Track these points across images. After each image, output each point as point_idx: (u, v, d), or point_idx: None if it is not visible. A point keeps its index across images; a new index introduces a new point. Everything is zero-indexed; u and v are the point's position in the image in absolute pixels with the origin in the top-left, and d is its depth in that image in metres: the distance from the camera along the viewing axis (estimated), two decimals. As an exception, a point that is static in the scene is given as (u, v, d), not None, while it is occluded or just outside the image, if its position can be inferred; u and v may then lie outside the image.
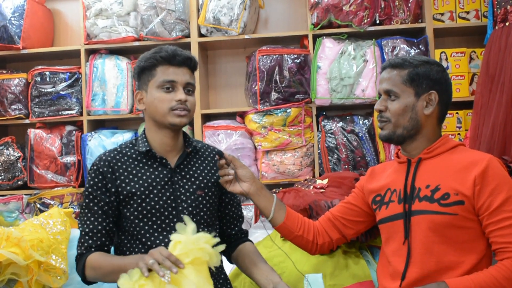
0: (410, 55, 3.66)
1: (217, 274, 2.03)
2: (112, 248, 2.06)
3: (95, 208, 1.95)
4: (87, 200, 1.97)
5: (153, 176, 1.96)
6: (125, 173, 1.96)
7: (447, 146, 1.90)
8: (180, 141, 2.04)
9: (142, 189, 1.94)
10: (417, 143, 1.92)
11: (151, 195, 1.94)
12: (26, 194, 3.96)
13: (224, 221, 2.17)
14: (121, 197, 1.94)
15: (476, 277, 1.71)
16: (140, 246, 1.94)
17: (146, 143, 1.99)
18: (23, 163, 4.00)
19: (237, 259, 2.13)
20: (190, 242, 1.68)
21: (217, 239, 1.74)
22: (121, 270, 1.70)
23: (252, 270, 1.99)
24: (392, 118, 1.89)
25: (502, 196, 1.74)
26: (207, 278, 1.70)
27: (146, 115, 2.02)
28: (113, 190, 1.94)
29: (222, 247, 1.73)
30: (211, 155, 2.12)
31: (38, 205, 3.85)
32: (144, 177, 1.96)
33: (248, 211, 3.64)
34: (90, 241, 1.95)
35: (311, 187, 2.87)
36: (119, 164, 1.97)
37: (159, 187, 1.96)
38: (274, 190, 3.15)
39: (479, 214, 1.77)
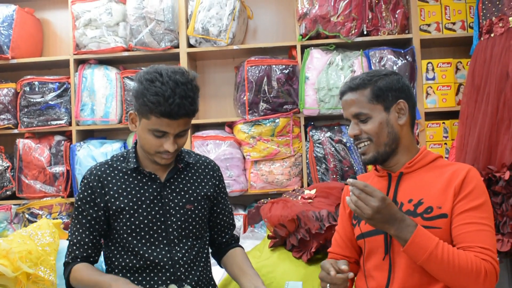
0: (397, 65, 3.69)
1: (205, 279, 2.06)
2: (102, 258, 2.08)
3: (83, 221, 1.98)
4: (76, 212, 2.00)
5: (142, 191, 1.98)
6: (115, 188, 1.97)
7: (427, 160, 1.90)
8: None
9: (131, 204, 1.95)
10: (398, 157, 1.90)
11: (140, 210, 1.95)
12: (14, 204, 3.93)
13: (215, 229, 2.19)
14: (111, 212, 1.96)
15: (444, 244, 1.68)
16: (131, 257, 1.97)
17: (135, 160, 2.00)
18: (12, 173, 3.99)
19: (226, 263, 2.16)
20: None
21: None
22: (96, 285, 1.86)
23: (239, 275, 2.03)
24: (373, 137, 1.87)
25: (475, 202, 1.75)
26: None
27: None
28: (102, 205, 1.96)
29: None
30: (202, 166, 2.13)
31: (27, 215, 3.84)
32: (134, 192, 1.97)
33: (237, 221, 3.64)
34: (77, 252, 1.99)
35: (299, 197, 2.88)
36: (109, 178, 1.98)
37: (148, 201, 1.97)
38: (262, 200, 3.16)
39: (451, 215, 1.76)
